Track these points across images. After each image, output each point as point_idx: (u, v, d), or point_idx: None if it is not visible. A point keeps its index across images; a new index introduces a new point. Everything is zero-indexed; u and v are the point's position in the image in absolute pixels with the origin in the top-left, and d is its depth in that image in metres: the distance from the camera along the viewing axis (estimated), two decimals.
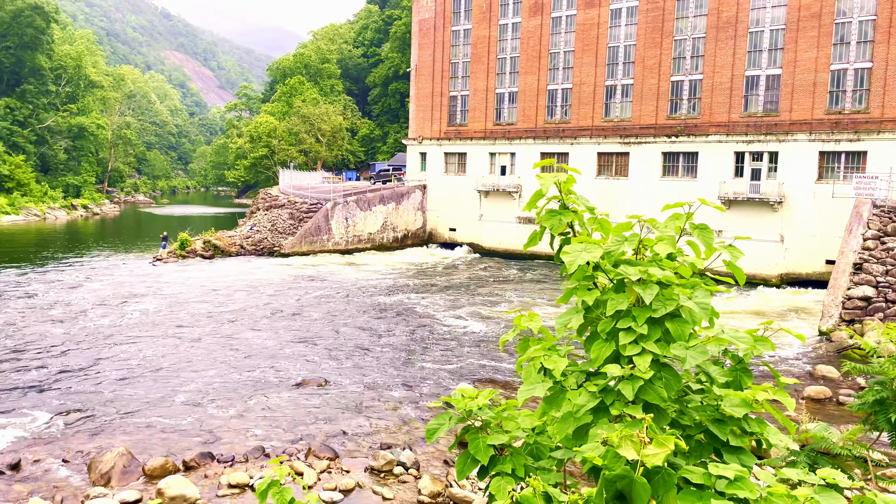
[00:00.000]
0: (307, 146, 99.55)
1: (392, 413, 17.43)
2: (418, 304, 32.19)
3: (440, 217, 56.31)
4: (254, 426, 16.16)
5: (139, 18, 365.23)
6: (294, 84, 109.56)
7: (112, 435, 15.34)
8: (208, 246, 47.00)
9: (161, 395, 18.24)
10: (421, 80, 57.11)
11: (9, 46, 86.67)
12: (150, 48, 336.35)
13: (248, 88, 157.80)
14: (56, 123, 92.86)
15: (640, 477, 3.16)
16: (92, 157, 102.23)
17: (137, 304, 30.26)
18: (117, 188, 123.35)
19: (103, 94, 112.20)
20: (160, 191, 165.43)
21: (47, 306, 29.15)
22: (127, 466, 13.06)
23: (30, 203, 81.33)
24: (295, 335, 25.55)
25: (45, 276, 37.62)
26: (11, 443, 14.67)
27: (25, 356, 21.53)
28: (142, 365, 20.96)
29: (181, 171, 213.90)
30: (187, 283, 36.01)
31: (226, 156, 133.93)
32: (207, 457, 13.80)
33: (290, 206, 53.89)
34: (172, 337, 24.60)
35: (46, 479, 13.05)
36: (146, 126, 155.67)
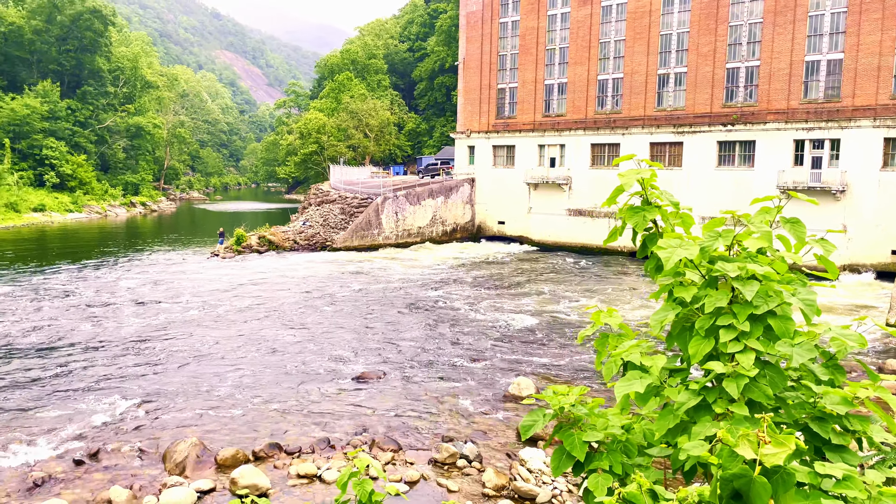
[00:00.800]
0: (355, 141, 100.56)
1: (449, 406, 17.56)
2: (469, 298, 32.27)
3: (489, 210, 56.23)
4: (317, 418, 16.49)
5: (190, 19, 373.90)
6: (342, 80, 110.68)
7: (183, 425, 15.87)
8: (263, 241, 48.00)
9: (226, 386, 18.77)
10: (469, 74, 57.03)
11: (69, 49, 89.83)
12: (201, 48, 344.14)
13: (296, 86, 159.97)
14: (115, 123, 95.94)
15: (759, 476, 3.14)
16: (149, 156, 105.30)
17: (198, 298, 31.13)
18: (173, 185, 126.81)
19: (158, 94, 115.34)
20: (213, 187, 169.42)
21: (113, 301, 30.23)
22: (200, 456, 13.51)
23: (91, 201, 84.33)
24: (349, 328, 25.92)
25: (109, 271, 39.01)
26: (89, 432, 15.31)
27: (96, 349, 22.40)
28: (206, 357, 21.58)
29: (233, 168, 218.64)
30: (244, 278, 36.85)
31: (276, 152, 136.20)
32: (275, 447, 14.17)
33: (341, 201, 54.57)
34: (233, 330, 25.25)
35: (124, 467, 13.58)
36: (199, 124, 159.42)
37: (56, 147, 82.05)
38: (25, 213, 71.31)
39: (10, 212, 69.44)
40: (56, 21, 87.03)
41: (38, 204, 74.68)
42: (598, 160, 49.59)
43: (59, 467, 13.36)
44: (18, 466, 13.45)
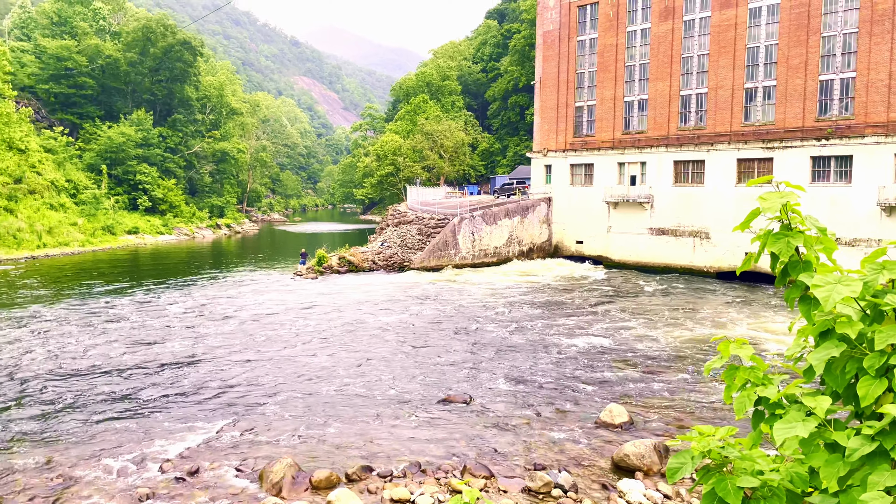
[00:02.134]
0: (430, 162, 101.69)
1: (538, 432, 17.17)
2: (549, 319, 31.76)
3: (566, 230, 55.51)
4: (405, 441, 16.43)
5: (271, 47, 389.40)
6: (417, 102, 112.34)
7: (275, 445, 16.11)
8: (343, 262, 48.90)
9: (314, 406, 19.00)
10: (545, 93, 56.76)
11: (161, 80, 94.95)
12: (280, 74, 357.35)
13: (371, 109, 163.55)
14: (202, 149, 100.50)
15: None
16: (233, 179, 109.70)
17: (283, 318, 31.88)
18: (255, 207, 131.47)
19: (242, 120, 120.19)
20: (292, 209, 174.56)
21: (203, 320, 31.33)
22: (295, 477, 13.64)
23: (181, 223, 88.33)
24: (431, 350, 25.90)
25: (199, 290, 40.55)
26: (188, 449, 15.75)
27: (190, 367, 23.18)
28: (294, 377, 21.97)
29: (310, 190, 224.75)
30: (327, 299, 37.55)
31: (352, 174, 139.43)
32: (367, 470, 14.17)
33: (418, 221, 55.08)
34: (318, 350, 25.65)
35: (222, 485, 13.86)
36: (279, 148, 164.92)
37: (148, 172, 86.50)
38: (121, 236, 75.27)
39: (107, 234, 73.45)
40: (149, 53, 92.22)
41: (132, 226, 78.74)
42: (682, 177, 48.21)
43: (163, 484, 13.76)
44: (125, 482, 13.94)
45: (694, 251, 47.26)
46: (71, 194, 76.74)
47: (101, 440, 16.41)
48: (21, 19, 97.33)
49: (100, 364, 23.42)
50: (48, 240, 63.86)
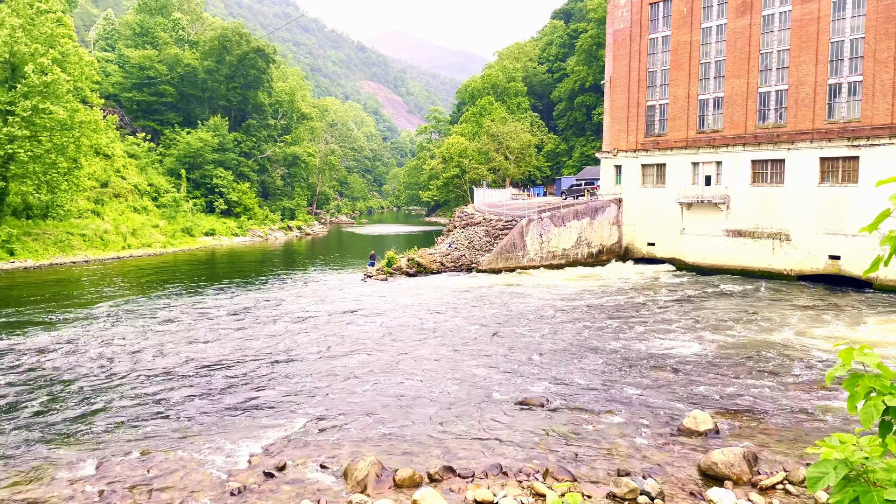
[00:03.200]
0: (496, 164, 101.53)
1: (619, 437, 16.87)
2: (623, 322, 31.19)
3: (637, 231, 54.43)
4: (484, 442, 16.44)
5: (338, 53, 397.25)
6: (483, 104, 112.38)
7: (357, 443, 16.38)
8: (412, 263, 49.36)
9: (391, 405, 19.24)
10: (616, 92, 55.83)
11: (236, 87, 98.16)
12: (347, 79, 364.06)
13: (436, 111, 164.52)
14: (274, 153, 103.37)
15: None
16: (303, 183, 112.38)
17: (356, 318, 32.42)
18: (323, 210, 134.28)
19: (311, 125, 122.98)
20: (358, 211, 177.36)
21: (279, 318, 32.19)
22: (379, 475, 13.83)
23: (254, 225, 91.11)
24: (503, 351, 25.83)
25: (273, 290, 41.68)
26: (273, 445, 16.19)
27: (270, 364, 23.84)
28: (369, 376, 22.30)
29: (376, 193, 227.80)
30: (397, 299, 37.98)
31: (418, 176, 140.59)
32: (449, 470, 14.23)
33: (486, 223, 55.07)
34: (391, 350, 25.97)
35: (308, 481, 14.19)
36: (346, 152, 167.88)
37: (224, 176, 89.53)
38: (199, 237, 78.18)
39: (185, 236, 76.40)
40: (225, 61, 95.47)
41: (209, 228, 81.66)
42: (760, 177, 46.55)
43: (252, 478, 14.19)
44: (216, 474, 14.45)
45: (773, 253, 45.54)
46: (153, 198, 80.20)
47: (191, 433, 17.05)
48: (105, 31, 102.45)
49: (183, 360, 24.36)
50: (132, 241, 66.90)
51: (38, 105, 52.50)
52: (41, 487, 13.91)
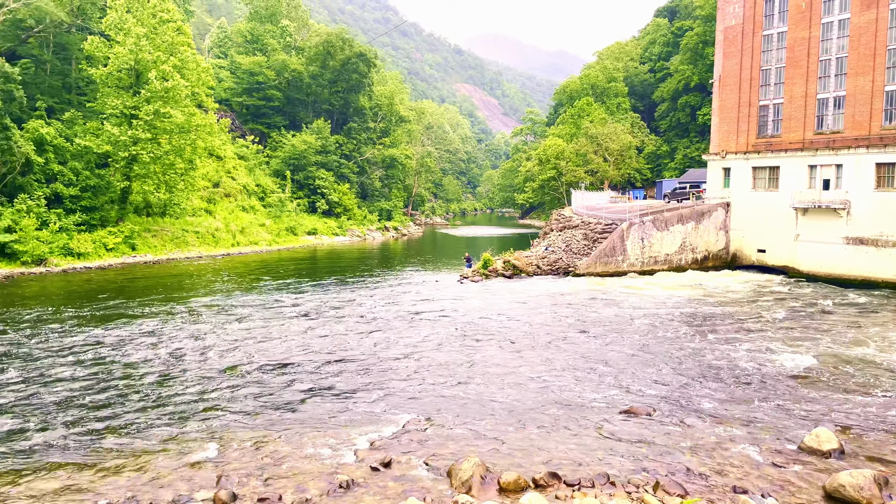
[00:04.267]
0: (594, 166, 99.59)
1: (732, 452, 16.04)
2: (734, 332, 29.71)
3: (746, 237, 51.87)
4: (589, 450, 16.05)
5: (435, 56, 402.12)
6: (581, 105, 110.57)
7: (459, 443, 16.40)
8: (508, 266, 49.13)
9: (493, 408, 19.14)
10: (725, 91, 53.44)
11: (338, 91, 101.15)
12: (443, 82, 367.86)
13: (532, 113, 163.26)
14: (373, 155, 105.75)
15: None
16: (400, 184, 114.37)
17: (452, 320, 32.56)
18: (418, 211, 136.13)
19: (409, 128, 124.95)
20: (452, 212, 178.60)
21: (376, 317, 32.78)
22: (484, 478, 13.77)
23: (353, 225, 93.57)
24: (602, 358, 25.19)
25: (371, 289, 42.55)
26: (379, 440, 16.46)
27: (368, 361, 24.30)
28: (470, 377, 22.30)
29: (469, 195, 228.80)
30: (494, 301, 37.88)
31: (512, 178, 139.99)
32: (555, 477, 13.98)
33: (584, 226, 54.06)
34: (490, 352, 25.87)
35: (413, 478, 14.31)
36: (442, 154, 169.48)
37: (326, 177, 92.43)
38: (301, 236, 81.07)
39: (289, 234, 79.41)
40: (329, 66, 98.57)
41: (311, 228, 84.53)
42: (886, 181, 43.26)
43: (359, 472, 14.47)
44: (325, 465, 14.84)
45: None
46: (260, 198, 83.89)
47: (299, 426, 17.61)
48: (219, 38, 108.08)
49: (287, 354, 25.23)
50: (241, 238, 70.21)
51: (160, 109, 56.01)
52: (164, 469, 14.73)
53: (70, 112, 59.16)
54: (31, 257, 47.73)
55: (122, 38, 55.82)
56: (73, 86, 64.16)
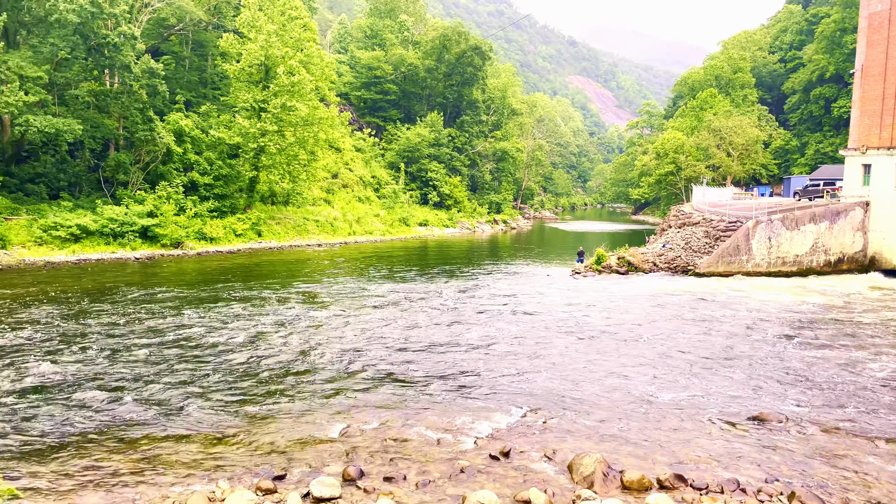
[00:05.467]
0: (716, 161, 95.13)
1: (878, 469, 14.93)
2: (873, 344, 27.56)
3: (887, 239, 47.92)
4: (716, 455, 15.44)
5: (548, 48, 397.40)
6: (704, 97, 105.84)
7: (578, 439, 16.24)
8: (622, 262, 47.95)
9: (612, 404, 18.80)
10: (868, 82, 49.48)
11: (452, 84, 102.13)
12: (556, 74, 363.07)
13: (649, 105, 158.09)
14: (484, 148, 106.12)
15: None
16: (510, 177, 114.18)
17: (565, 314, 32.21)
18: (527, 205, 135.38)
19: (521, 121, 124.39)
20: (562, 207, 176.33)
21: (486, 308, 32.94)
22: (606, 474, 13.59)
23: (463, 217, 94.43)
24: (726, 360, 24.08)
25: (480, 279, 42.80)
26: (496, 430, 16.60)
27: (481, 351, 24.48)
28: (580, 372, 22.00)
29: (580, 189, 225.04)
30: (607, 298, 37.12)
31: (626, 173, 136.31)
32: (680, 479, 13.57)
33: (705, 223, 51.81)
34: (604, 349, 25.40)
35: (532, 470, 14.33)
36: (552, 147, 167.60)
37: (437, 170, 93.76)
38: (413, 227, 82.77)
39: (402, 225, 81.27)
40: (444, 59, 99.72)
41: (422, 219, 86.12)
42: None
43: (479, 460, 14.66)
44: (444, 450, 15.15)
45: None
46: (374, 189, 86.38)
47: (419, 409, 18.04)
48: (340, 34, 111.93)
49: (404, 341, 25.86)
50: (356, 228, 72.62)
51: (286, 103, 58.81)
52: (293, 444, 15.55)
53: (206, 105, 63.30)
54: (169, 240, 51.56)
55: (254, 36, 59.00)
56: (209, 80, 68.55)
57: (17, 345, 23.60)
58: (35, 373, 20.32)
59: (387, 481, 13.52)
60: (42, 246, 45.90)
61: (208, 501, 12.17)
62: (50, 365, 21.10)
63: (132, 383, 19.77)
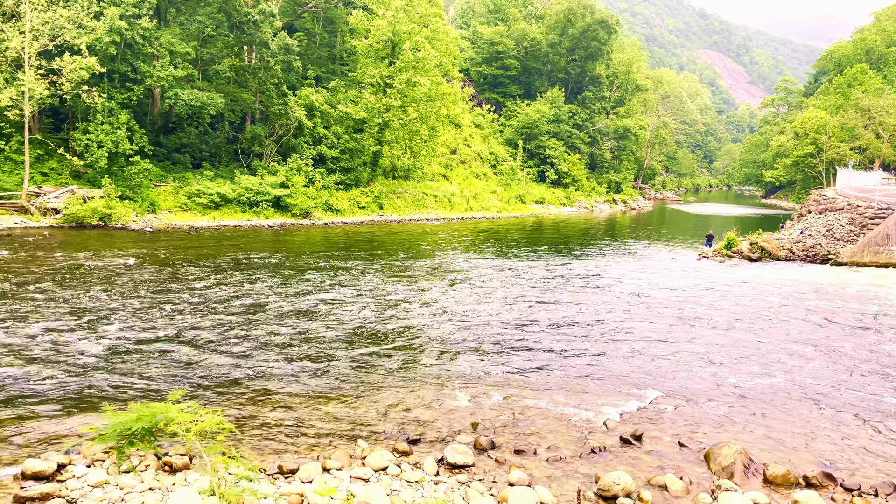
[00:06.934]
0: (863, 142, 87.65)
1: None
2: None
3: None
4: (868, 455, 14.39)
5: (676, 21, 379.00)
6: (854, 73, 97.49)
7: (714, 427, 15.64)
8: (755, 248, 45.42)
9: (745, 395, 17.95)
10: None
11: (575, 59, 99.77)
12: (683, 49, 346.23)
13: (787, 82, 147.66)
14: (605, 126, 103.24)
15: None
16: (631, 156, 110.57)
17: (692, 299, 30.97)
18: (648, 185, 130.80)
19: (645, 97, 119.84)
20: (685, 188, 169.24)
21: (607, 289, 32.21)
22: (747, 466, 13.03)
23: (580, 196, 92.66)
24: (870, 357, 22.27)
25: (599, 260, 41.88)
26: (626, 414, 16.29)
27: (605, 331, 24.01)
28: (716, 360, 21.10)
29: (704, 170, 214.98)
30: (738, 284, 35.33)
31: (758, 153, 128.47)
32: (829, 478, 12.78)
33: (850, 209, 48.01)
34: (737, 337, 24.22)
35: (666, 457, 13.97)
36: (677, 125, 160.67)
37: (556, 147, 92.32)
38: (529, 205, 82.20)
39: (518, 202, 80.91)
40: (568, 34, 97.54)
41: (539, 197, 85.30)
42: None
43: (609, 441, 14.47)
44: (574, 429, 15.07)
45: None
46: (492, 165, 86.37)
47: (543, 387, 18.02)
48: (462, 10, 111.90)
49: (527, 317, 25.81)
50: (473, 204, 73.05)
51: (411, 79, 59.69)
52: (423, 409, 15.97)
53: (335, 81, 65.43)
54: (299, 210, 54.07)
55: (382, 12, 60.12)
56: (338, 56, 70.75)
57: (171, 301, 25.65)
58: (187, 325, 22.02)
59: (517, 454, 13.65)
60: (186, 211, 49.47)
61: (349, 458, 12.78)
62: (202, 319, 22.80)
63: (268, 338, 21.00)
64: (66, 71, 44.36)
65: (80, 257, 33.63)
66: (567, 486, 12.49)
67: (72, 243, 37.93)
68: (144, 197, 48.08)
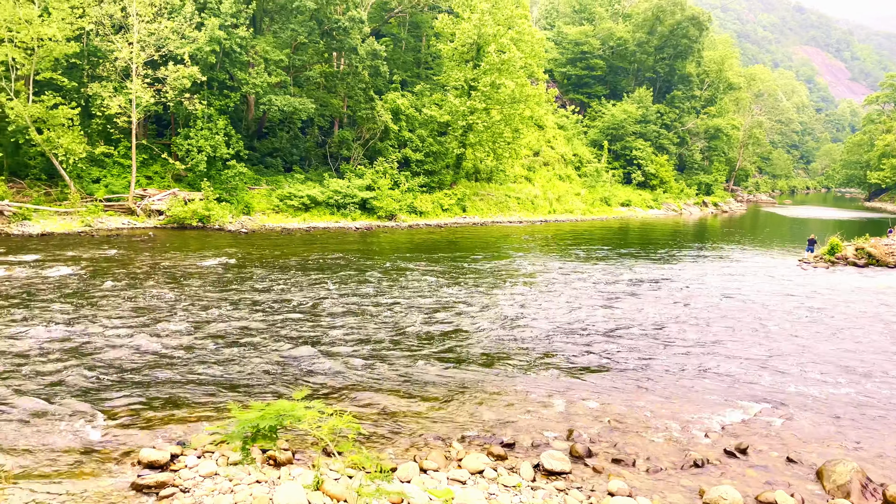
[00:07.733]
0: None
1: None
2: None
3: None
4: None
5: (770, 16, 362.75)
6: None
7: (823, 444, 14.80)
8: (861, 253, 42.80)
9: (855, 412, 16.89)
10: None
11: (664, 57, 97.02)
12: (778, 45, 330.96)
13: (893, 78, 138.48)
14: (695, 126, 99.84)
15: None
16: (723, 157, 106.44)
17: (795, 307, 29.46)
18: (741, 187, 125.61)
19: (737, 96, 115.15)
20: (779, 190, 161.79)
21: (706, 294, 31.01)
22: (865, 486, 12.25)
23: (669, 198, 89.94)
24: None
25: (688, 265, 40.41)
26: (730, 426, 15.63)
27: (703, 339, 23.12)
28: (824, 372, 19.96)
29: (801, 171, 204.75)
30: (845, 292, 33.35)
31: (861, 154, 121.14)
32: None
33: None
34: (844, 348, 22.84)
35: (773, 471, 13.32)
36: (772, 125, 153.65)
37: (643, 148, 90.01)
38: (615, 207, 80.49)
39: (603, 205, 79.38)
40: (656, 32, 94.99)
41: (625, 199, 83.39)
42: None
43: (712, 454, 13.92)
44: (673, 440, 14.58)
45: None
46: (575, 167, 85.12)
47: (640, 393, 17.53)
48: (546, 10, 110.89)
49: (609, 320, 25.19)
50: (556, 206, 72.20)
51: (495, 81, 59.62)
52: (516, 414, 15.83)
53: (420, 84, 66.16)
54: (384, 212, 54.95)
55: (468, 15, 60.34)
56: (423, 61, 71.52)
57: (266, 301, 26.57)
58: (281, 323, 22.73)
59: (615, 463, 13.34)
60: (279, 213, 51.19)
61: (445, 459, 12.83)
62: (300, 318, 23.50)
63: (360, 336, 21.37)
64: (171, 79, 46.78)
65: (183, 256, 35.38)
66: (669, 498, 12.10)
67: (174, 243, 39.95)
68: (240, 199, 50.08)
